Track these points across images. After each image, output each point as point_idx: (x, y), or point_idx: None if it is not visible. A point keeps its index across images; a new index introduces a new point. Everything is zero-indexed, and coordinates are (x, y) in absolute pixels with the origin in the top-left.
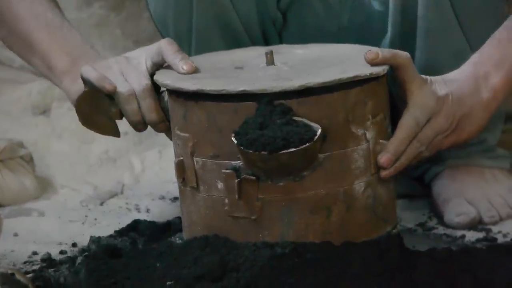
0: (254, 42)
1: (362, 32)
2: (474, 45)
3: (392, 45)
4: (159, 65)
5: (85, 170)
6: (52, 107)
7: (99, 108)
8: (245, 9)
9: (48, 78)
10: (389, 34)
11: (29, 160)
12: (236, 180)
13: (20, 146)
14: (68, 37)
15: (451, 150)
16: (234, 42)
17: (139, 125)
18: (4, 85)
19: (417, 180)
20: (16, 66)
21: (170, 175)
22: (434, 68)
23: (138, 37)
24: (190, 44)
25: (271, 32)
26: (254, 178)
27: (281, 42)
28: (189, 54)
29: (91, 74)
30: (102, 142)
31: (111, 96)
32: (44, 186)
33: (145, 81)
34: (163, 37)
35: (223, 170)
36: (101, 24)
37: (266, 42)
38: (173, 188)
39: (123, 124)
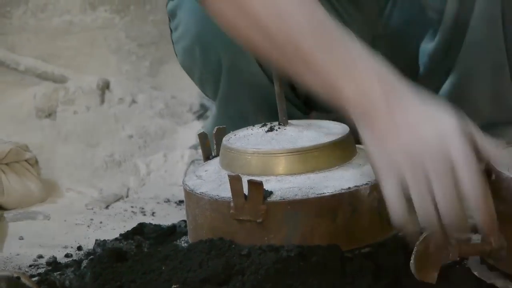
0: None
1: (398, 38)
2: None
3: (436, 52)
4: None
5: (91, 173)
6: (57, 110)
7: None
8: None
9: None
10: (437, 39)
11: (34, 163)
12: (242, 183)
13: (25, 149)
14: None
15: None
16: (261, 99)
17: None
18: (9, 89)
19: None
20: (21, 69)
21: (176, 178)
22: (470, 80)
23: (143, 40)
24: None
25: None
26: (260, 181)
27: None
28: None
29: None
30: (107, 145)
31: None
32: (50, 189)
33: None
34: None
35: (229, 173)
36: (106, 27)
37: None
38: (178, 191)
39: (127, 128)
